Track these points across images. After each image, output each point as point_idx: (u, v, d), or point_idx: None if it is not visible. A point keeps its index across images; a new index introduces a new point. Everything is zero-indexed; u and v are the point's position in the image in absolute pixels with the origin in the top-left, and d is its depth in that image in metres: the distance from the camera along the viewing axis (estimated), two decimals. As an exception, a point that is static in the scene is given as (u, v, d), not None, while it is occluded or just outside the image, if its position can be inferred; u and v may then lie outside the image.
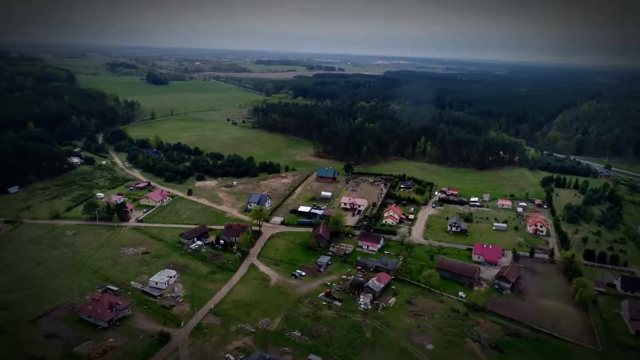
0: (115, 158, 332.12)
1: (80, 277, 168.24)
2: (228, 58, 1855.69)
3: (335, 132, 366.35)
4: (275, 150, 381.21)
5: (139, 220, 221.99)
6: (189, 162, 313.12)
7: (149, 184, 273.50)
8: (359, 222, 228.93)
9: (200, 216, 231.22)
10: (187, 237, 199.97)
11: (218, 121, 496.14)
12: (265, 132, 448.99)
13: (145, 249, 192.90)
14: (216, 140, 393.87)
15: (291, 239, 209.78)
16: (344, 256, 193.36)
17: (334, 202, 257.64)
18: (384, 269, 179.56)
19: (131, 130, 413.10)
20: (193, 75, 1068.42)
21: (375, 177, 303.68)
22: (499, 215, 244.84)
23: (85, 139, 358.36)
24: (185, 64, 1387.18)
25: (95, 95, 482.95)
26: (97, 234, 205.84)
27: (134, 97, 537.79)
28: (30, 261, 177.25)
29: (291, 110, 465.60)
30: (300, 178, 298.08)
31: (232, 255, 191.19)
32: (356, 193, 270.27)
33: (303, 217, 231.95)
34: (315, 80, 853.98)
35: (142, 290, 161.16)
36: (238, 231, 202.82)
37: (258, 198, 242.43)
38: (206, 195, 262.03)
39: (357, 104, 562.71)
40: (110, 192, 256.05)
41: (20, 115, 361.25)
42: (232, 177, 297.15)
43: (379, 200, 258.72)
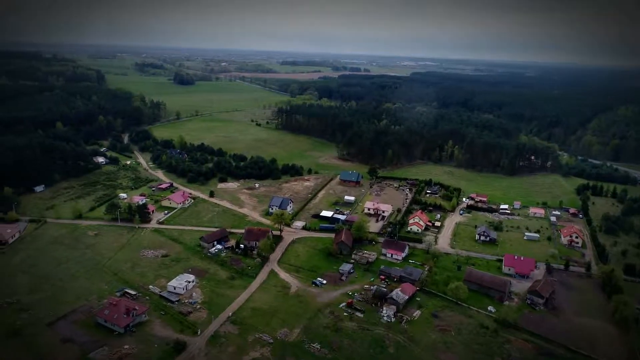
0: (139, 158, 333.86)
1: (99, 279, 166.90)
2: (254, 59, 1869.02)
3: (360, 134, 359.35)
4: (298, 152, 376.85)
5: (160, 222, 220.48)
6: (211, 163, 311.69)
7: (172, 185, 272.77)
8: (382, 229, 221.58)
9: (221, 219, 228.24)
10: (207, 240, 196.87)
11: (242, 122, 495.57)
12: (289, 134, 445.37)
13: (165, 252, 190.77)
14: (239, 142, 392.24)
15: (312, 244, 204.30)
16: (366, 264, 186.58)
17: (357, 207, 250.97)
18: (409, 279, 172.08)
19: (156, 130, 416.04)
20: (219, 76, 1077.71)
21: (400, 181, 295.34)
22: (531, 224, 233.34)
23: (111, 139, 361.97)
24: (212, 64, 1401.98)
25: (122, 95, 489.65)
26: (118, 235, 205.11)
27: (160, 97, 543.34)
28: (52, 262, 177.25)
29: (315, 112, 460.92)
30: (323, 181, 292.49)
31: (252, 260, 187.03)
32: (380, 198, 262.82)
33: (325, 222, 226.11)
34: (340, 81, 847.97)
35: (160, 295, 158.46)
36: (258, 236, 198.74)
37: (280, 201, 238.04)
38: (228, 197, 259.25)
39: (383, 106, 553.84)
40: (133, 193, 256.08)
41: (49, 114, 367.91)
42: (254, 179, 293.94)
43: (404, 206, 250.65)
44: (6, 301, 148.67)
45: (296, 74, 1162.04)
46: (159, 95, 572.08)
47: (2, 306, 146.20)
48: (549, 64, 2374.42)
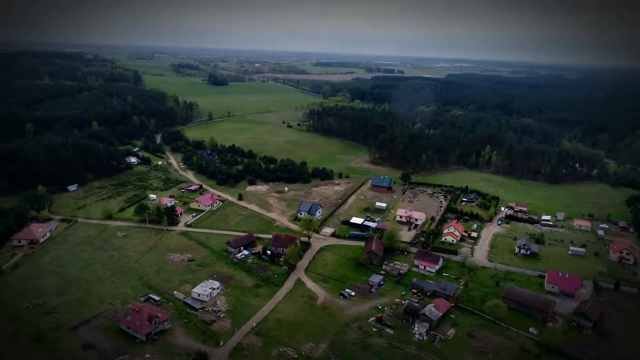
0: (170, 159, 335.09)
1: (124, 283, 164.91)
2: (287, 60, 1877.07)
3: (393, 137, 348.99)
4: (329, 155, 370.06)
5: (188, 224, 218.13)
6: (241, 166, 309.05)
7: (201, 187, 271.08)
8: (415, 238, 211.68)
9: (249, 223, 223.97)
10: (234, 245, 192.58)
11: (273, 123, 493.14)
12: (320, 136, 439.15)
13: (191, 256, 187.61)
14: (270, 144, 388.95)
15: (341, 253, 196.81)
16: (397, 276, 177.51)
17: (388, 214, 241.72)
18: (443, 294, 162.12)
19: (188, 131, 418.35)
20: (252, 77, 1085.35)
21: (435, 188, 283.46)
22: (576, 237, 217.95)
23: (144, 139, 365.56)
24: (246, 65, 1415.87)
25: (157, 96, 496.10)
26: (146, 237, 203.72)
27: (194, 98, 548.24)
28: (80, 263, 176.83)
29: (347, 114, 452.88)
30: (353, 186, 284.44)
31: (279, 267, 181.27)
32: (413, 205, 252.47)
33: (355, 230, 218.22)
34: (373, 83, 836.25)
35: (184, 302, 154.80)
36: (286, 242, 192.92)
37: (309, 207, 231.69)
38: (256, 200, 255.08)
39: (417, 109, 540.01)
40: (163, 194, 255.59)
41: (86, 114, 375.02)
42: (283, 182, 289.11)
43: (438, 215, 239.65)
44: (32, 302, 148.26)
45: (329, 75, 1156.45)
46: (192, 96, 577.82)
47: (28, 307, 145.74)
48: (591, 66, 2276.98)
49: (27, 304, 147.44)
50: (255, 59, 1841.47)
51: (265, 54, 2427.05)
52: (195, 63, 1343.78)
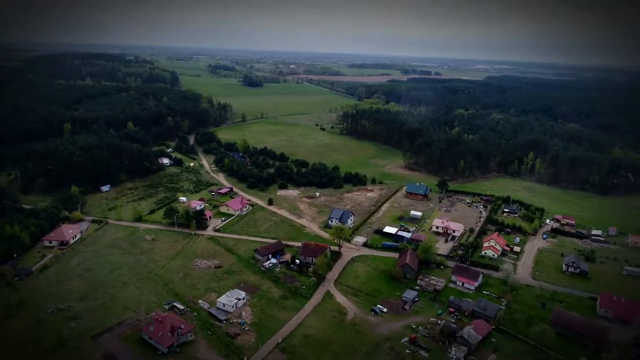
0: (203, 160, 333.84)
1: (150, 289, 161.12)
2: (322, 61, 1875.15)
3: (430, 142, 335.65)
4: (362, 159, 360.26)
5: (216, 229, 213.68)
6: (273, 169, 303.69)
7: (231, 190, 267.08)
8: (452, 251, 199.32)
9: (278, 229, 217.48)
10: (262, 253, 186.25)
11: (306, 126, 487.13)
12: (354, 139, 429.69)
13: (218, 263, 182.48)
14: (302, 146, 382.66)
15: (373, 264, 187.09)
16: (433, 292, 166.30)
17: (424, 223, 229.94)
18: (483, 314, 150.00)
19: (221, 132, 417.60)
20: (287, 78, 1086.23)
21: (474, 196, 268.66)
22: (631, 256, 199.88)
23: (178, 140, 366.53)
24: (281, 66, 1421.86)
25: (191, 97, 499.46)
26: (174, 241, 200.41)
27: (228, 99, 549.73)
28: (107, 266, 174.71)
29: (382, 117, 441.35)
30: (387, 193, 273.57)
31: (307, 278, 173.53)
32: (450, 215, 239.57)
33: (388, 240, 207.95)
34: (409, 85, 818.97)
35: (209, 312, 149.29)
36: (315, 251, 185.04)
37: (340, 214, 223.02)
38: (287, 205, 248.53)
39: (455, 112, 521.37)
40: (193, 197, 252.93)
41: (122, 114, 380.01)
42: (315, 187, 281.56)
43: (477, 226, 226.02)
44: (58, 307, 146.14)
45: (364, 77, 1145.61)
46: (227, 97, 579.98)
47: (52, 312, 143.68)
48: None
49: (52, 308, 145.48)
50: (291, 60, 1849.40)
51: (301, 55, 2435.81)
52: (232, 64, 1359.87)
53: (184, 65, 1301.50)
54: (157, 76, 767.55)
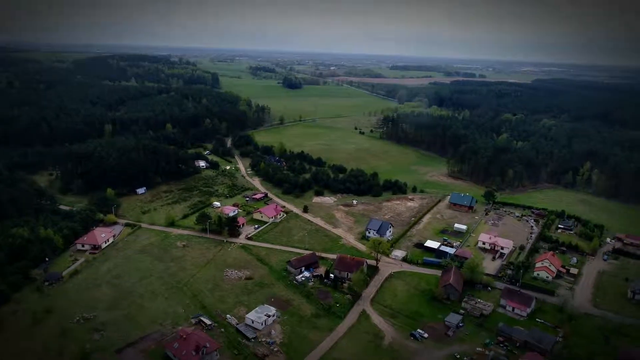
0: (239, 163, 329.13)
1: (177, 300, 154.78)
2: (363, 63, 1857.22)
3: (475, 150, 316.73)
4: (402, 165, 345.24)
5: (249, 237, 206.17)
6: (309, 174, 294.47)
7: (266, 196, 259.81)
8: (501, 271, 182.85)
9: (313, 239, 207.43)
10: (295, 265, 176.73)
11: (345, 129, 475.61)
12: (394, 144, 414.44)
13: (249, 274, 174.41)
14: (340, 151, 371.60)
15: (413, 282, 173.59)
16: (480, 318, 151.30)
17: (469, 238, 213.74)
18: (537, 347, 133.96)
19: (258, 135, 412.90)
20: (327, 80, 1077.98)
21: (524, 210, 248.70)
22: None
23: (215, 142, 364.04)
24: (322, 68, 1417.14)
25: (230, 99, 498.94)
26: (205, 248, 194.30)
27: (267, 101, 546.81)
28: (136, 274, 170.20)
29: (424, 121, 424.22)
30: (429, 203, 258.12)
31: (342, 295, 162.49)
32: (498, 229, 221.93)
33: (430, 255, 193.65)
34: (452, 88, 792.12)
35: (237, 328, 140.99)
36: (351, 266, 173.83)
37: (378, 225, 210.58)
38: (322, 214, 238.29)
39: (501, 117, 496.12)
40: (227, 202, 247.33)
41: (161, 116, 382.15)
42: (352, 194, 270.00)
43: (528, 243, 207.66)
44: (84, 316, 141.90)
45: (405, 79, 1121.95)
46: (266, 99, 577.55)
47: (78, 322, 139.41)
48: None
49: (79, 317, 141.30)
50: (332, 62, 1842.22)
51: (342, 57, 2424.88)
52: (272, 66, 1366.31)
53: (225, 66, 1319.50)
54: (199, 77, 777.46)
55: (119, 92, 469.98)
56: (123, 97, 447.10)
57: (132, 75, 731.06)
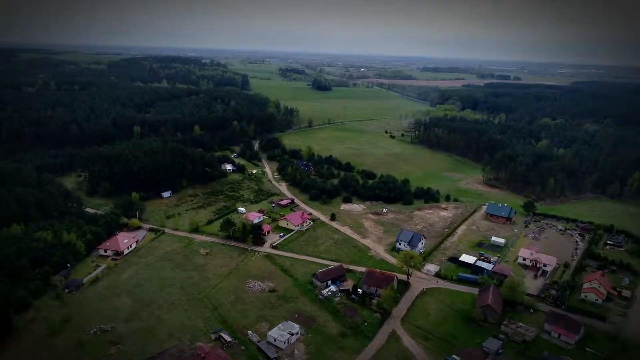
0: (266, 167, 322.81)
1: (197, 313, 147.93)
2: (393, 65, 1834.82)
3: (513, 156, 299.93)
4: (435, 172, 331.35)
5: (274, 245, 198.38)
6: (337, 180, 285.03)
7: (292, 202, 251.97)
8: (544, 291, 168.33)
9: (340, 250, 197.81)
10: (321, 278, 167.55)
11: (375, 133, 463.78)
12: (426, 149, 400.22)
13: (272, 286, 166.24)
14: (370, 155, 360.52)
15: (448, 300, 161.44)
16: (522, 344, 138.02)
17: (507, 252, 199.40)
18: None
19: (286, 138, 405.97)
20: (356, 82, 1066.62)
21: (567, 222, 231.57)
22: None
23: (242, 145, 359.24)
24: (351, 70, 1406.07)
25: (259, 101, 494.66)
26: (229, 257, 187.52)
27: (296, 103, 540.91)
28: (157, 283, 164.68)
29: (458, 126, 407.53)
30: (463, 213, 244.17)
31: (371, 313, 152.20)
32: (539, 244, 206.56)
33: (465, 271, 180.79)
34: (487, 91, 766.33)
35: (258, 346, 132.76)
36: (381, 281, 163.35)
37: (410, 236, 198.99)
38: (350, 222, 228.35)
39: (539, 121, 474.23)
40: (252, 207, 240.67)
41: (190, 118, 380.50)
42: (382, 202, 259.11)
43: (573, 260, 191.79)
44: (101, 328, 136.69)
45: (437, 81, 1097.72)
46: (295, 101, 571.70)
47: (95, 333, 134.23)
48: None
49: (96, 329, 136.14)
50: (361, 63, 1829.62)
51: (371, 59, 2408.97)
52: (302, 67, 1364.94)
53: (256, 68, 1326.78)
54: (229, 79, 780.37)
55: (149, 93, 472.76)
56: (153, 98, 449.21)
57: (164, 76, 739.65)
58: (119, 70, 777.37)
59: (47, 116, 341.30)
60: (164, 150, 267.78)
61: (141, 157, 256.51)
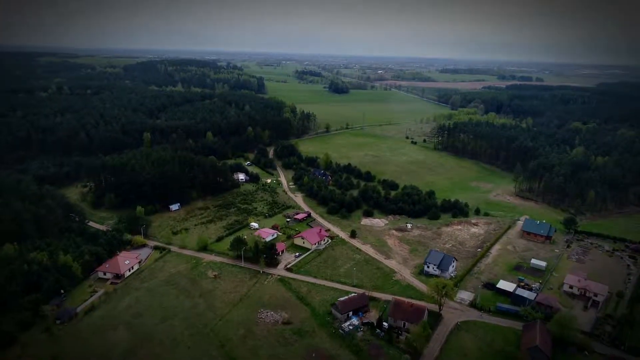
0: (281, 176, 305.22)
1: (201, 351, 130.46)
2: (411, 66, 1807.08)
3: (549, 166, 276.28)
4: (461, 181, 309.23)
5: (288, 267, 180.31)
6: (357, 191, 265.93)
7: (309, 216, 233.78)
8: (597, 326, 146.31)
9: (362, 273, 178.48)
10: (341, 309, 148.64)
11: (395, 138, 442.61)
12: (450, 156, 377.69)
13: (287, 317, 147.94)
14: (391, 163, 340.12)
15: (487, 338, 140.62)
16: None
17: (550, 277, 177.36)
18: None
19: (302, 144, 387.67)
20: (374, 84, 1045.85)
21: (615, 242, 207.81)
22: None
23: (257, 152, 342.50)
24: (369, 72, 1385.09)
25: (274, 105, 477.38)
26: (239, 280, 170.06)
27: (313, 106, 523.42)
28: (159, 312, 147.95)
29: (484, 131, 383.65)
30: (496, 229, 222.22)
31: (399, 353, 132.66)
32: (585, 267, 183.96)
33: (504, 300, 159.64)
34: (510, 93, 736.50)
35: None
36: (409, 314, 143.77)
37: (440, 258, 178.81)
38: (372, 239, 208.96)
39: (570, 126, 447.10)
40: (266, 222, 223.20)
41: (202, 124, 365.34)
42: (405, 216, 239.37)
43: (627, 287, 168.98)
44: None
45: (457, 83, 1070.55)
46: (311, 104, 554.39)
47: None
48: None
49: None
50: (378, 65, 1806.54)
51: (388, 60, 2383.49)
52: (319, 70, 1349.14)
53: (272, 71, 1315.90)
54: (245, 82, 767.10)
55: (162, 98, 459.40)
56: (166, 103, 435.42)
57: (178, 80, 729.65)
58: (134, 74, 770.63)
59: (55, 122, 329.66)
60: (173, 159, 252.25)
61: (148, 167, 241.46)
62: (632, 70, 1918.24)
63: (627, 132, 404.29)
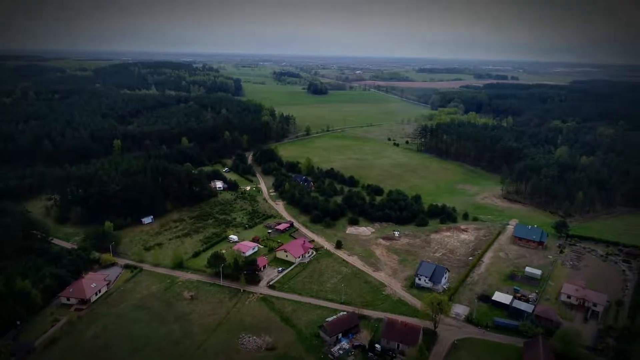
0: (261, 183, 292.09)
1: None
2: (389, 66, 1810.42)
3: (536, 167, 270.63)
4: (447, 185, 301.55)
5: (271, 284, 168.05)
6: (340, 197, 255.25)
7: (291, 226, 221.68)
8: (599, 339, 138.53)
9: (350, 287, 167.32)
10: (330, 331, 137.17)
11: (377, 140, 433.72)
12: (434, 158, 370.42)
13: (271, 341, 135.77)
14: (374, 167, 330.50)
15: (486, 357, 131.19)
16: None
17: (546, 286, 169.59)
18: None
19: (283, 148, 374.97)
20: (353, 85, 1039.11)
21: (608, 246, 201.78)
22: None
23: (235, 158, 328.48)
24: (347, 72, 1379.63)
25: (252, 108, 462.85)
26: (218, 301, 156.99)
27: (292, 109, 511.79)
28: (129, 343, 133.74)
29: (468, 132, 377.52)
30: (487, 235, 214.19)
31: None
32: (580, 274, 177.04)
33: (501, 313, 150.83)
34: (489, 92, 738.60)
35: None
36: (404, 334, 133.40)
37: (431, 270, 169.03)
38: (359, 250, 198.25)
39: (550, 124, 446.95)
40: (246, 234, 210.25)
41: (177, 128, 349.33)
42: (392, 223, 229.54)
43: (625, 295, 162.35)
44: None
45: (435, 83, 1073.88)
46: (290, 106, 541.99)
47: None
48: None
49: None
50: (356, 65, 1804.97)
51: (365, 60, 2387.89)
52: (296, 71, 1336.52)
53: (249, 72, 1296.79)
54: (221, 84, 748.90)
55: (134, 102, 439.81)
56: (138, 107, 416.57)
57: (152, 82, 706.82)
58: (105, 77, 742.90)
59: (18, 130, 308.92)
60: (145, 168, 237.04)
61: (118, 177, 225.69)
62: (602, 69, 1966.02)
63: (606, 130, 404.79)
